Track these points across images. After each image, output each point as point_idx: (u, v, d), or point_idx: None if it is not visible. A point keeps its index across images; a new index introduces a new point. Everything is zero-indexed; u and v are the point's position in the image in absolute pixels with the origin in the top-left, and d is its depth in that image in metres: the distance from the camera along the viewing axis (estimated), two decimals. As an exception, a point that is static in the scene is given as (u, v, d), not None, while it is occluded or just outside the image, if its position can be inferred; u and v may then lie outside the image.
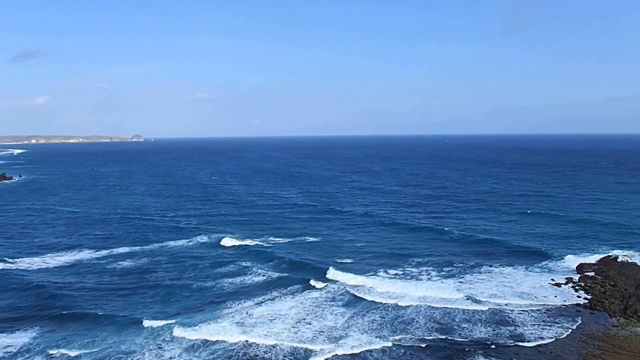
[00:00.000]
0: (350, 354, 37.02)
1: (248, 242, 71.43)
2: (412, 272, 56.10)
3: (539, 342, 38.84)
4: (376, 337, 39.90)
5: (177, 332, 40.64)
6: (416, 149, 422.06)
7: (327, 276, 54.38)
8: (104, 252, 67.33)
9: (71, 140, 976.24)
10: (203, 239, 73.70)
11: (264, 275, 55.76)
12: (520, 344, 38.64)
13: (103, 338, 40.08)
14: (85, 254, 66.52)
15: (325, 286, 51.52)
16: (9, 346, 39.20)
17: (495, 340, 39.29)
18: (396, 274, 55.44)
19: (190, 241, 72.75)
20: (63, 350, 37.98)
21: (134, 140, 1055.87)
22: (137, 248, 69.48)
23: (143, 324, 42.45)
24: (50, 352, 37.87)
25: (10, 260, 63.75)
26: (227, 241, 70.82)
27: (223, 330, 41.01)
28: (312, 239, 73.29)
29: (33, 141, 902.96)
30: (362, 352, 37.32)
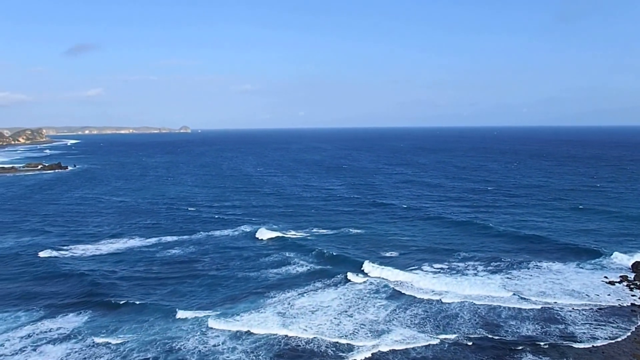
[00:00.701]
0: (393, 350, 36.53)
1: (292, 233, 71.83)
2: (457, 267, 54.92)
3: (591, 343, 37.18)
4: (419, 332, 39.28)
5: (221, 320, 41.28)
6: (463, 141, 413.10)
7: (369, 269, 53.96)
8: (153, 240, 69.34)
9: (122, 131, 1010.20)
10: (247, 229, 74.59)
11: (306, 267, 55.93)
12: (571, 344, 37.12)
13: (150, 324, 41.20)
14: (136, 242, 68.68)
15: (368, 279, 51.18)
16: (60, 328, 40.93)
17: (545, 339, 37.91)
18: (440, 269, 54.42)
19: (235, 231, 73.80)
20: (111, 335, 39.34)
21: (181, 131, 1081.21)
22: (184, 237, 71.09)
23: (188, 312, 43.33)
24: (99, 336, 39.27)
25: (64, 247, 66.52)
26: (271, 232, 71.39)
27: (265, 320, 41.38)
28: (355, 231, 72.96)
29: (87, 132, 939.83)
30: (405, 348, 36.73)
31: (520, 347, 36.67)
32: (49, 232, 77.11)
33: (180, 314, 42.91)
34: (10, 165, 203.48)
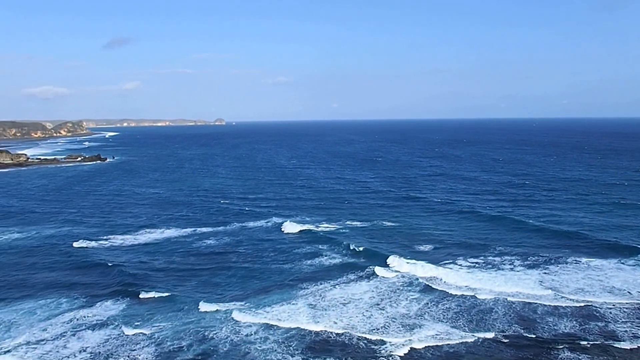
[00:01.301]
0: (426, 345, 36.07)
1: (324, 225, 71.86)
2: (492, 262, 53.80)
3: (635, 343, 35.75)
4: (452, 327, 38.69)
5: (253, 311, 41.73)
6: (500, 133, 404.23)
7: (402, 262, 53.45)
8: (188, 231, 70.58)
9: (159, 124, 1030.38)
10: (280, 221, 74.96)
11: (338, 259, 55.86)
12: (613, 343, 35.85)
13: (184, 314, 41.99)
14: (172, 233, 70.06)
15: (400, 272, 50.70)
16: (97, 315, 42.15)
17: (584, 337, 36.76)
18: (475, 264, 53.44)
19: (267, 222, 74.31)
20: (146, 324, 40.30)
21: (216, 123, 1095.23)
22: (218, 228, 72.07)
23: (220, 302, 44.02)
24: (134, 324, 40.28)
25: (103, 237, 68.41)
26: (304, 225, 71.58)
27: (296, 312, 41.59)
28: (389, 224, 72.44)
29: (125, 124, 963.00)
30: (438, 344, 36.24)
31: (558, 345, 35.70)
32: (87, 222, 79.45)
33: (213, 304, 43.53)
34: (53, 157, 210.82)
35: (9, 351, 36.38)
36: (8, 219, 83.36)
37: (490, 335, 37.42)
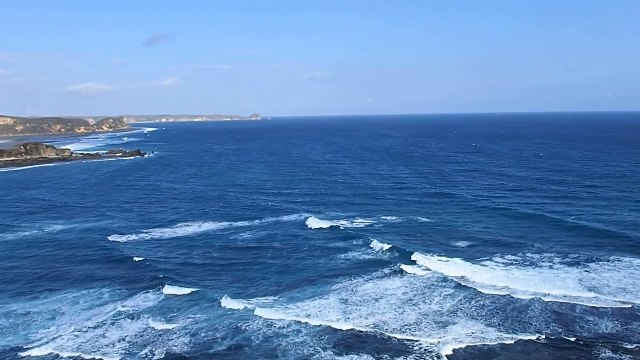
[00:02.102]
0: (459, 343, 35.65)
1: (359, 220, 71.75)
2: (530, 260, 52.50)
3: (678, 346, 34.47)
4: (487, 325, 38.04)
5: (286, 304, 42.17)
6: (541, 127, 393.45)
7: (436, 259, 52.92)
8: (224, 225, 71.76)
9: (196, 119, 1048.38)
10: (314, 216, 75.18)
11: (372, 254, 55.68)
12: (656, 345, 34.61)
13: (218, 306, 42.73)
14: (209, 226, 71.39)
15: (435, 268, 50.09)
16: (136, 306, 43.38)
17: (626, 338, 35.54)
18: (512, 261, 52.29)
19: (302, 217, 74.61)
20: (182, 315, 41.39)
21: (252, 118, 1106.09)
22: (253, 222, 72.97)
23: (255, 295, 44.75)
24: (170, 315, 41.40)
25: (143, 230, 70.26)
26: (338, 220, 71.73)
27: (329, 306, 41.79)
28: (424, 219, 71.67)
29: (163, 120, 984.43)
30: (472, 342, 35.69)
31: (598, 347, 34.62)
32: (127, 216, 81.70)
33: (247, 297, 44.35)
34: (95, 152, 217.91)
35: (54, 338, 37.86)
36: (52, 211, 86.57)
37: (526, 334, 36.63)
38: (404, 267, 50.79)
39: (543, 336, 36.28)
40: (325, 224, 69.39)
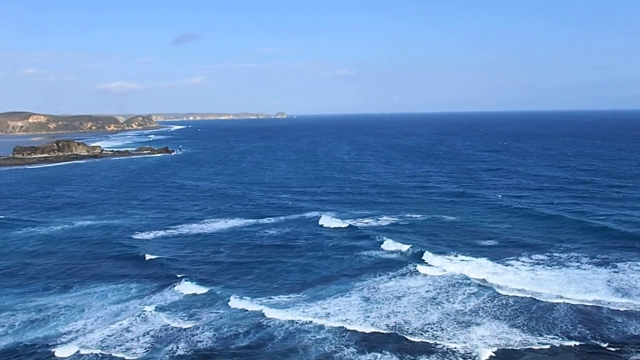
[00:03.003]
0: (483, 344, 35.30)
1: (384, 219, 71.56)
2: (557, 260, 51.46)
3: None
4: (511, 326, 37.52)
5: (308, 301, 42.54)
6: (569, 126, 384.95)
7: (461, 258, 52.48)
8: (249, 222, 72.45)
9: (223, 117, 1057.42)
10: (339, 214, 75.32)
11: (396, 253, 55.46)
12: (687, 350, 33.67)
13: (242, 301, 43.25)
14: (235, 223, 72.34)
15: (459, 268, 49.61)
16: (163, 300, 44.28)
17: (656, 342, 34.71)
18: (538, 261, 51.34)
19: (326, 215, 74.62)
20: (206, 310, 42.13)
21: (277, 117, 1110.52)
22: (279, 220, 73.58)
23: (278, 292, 45.28)
24: (195, 310, 42.09)
25: (171, 227, 71.49)
26: (363, 218, 71.83)
27: (351, 303, 41.95)
28: (449, 218, 71.01)
29: (191, 118, 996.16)
30: (495, 342, 35.23)
31: (627, 350, 33.84)
32: (153, 213, 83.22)
33: (271, 294, 44.88)
34: (125, 149, 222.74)
35: (81, 332, 38.90)
36: (82, 207, 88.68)
37: (552, 336, 36.05)
38: (427, 266, 50.53)
39: (570, 338, 35.63)
40: (349, 223, 69.40)
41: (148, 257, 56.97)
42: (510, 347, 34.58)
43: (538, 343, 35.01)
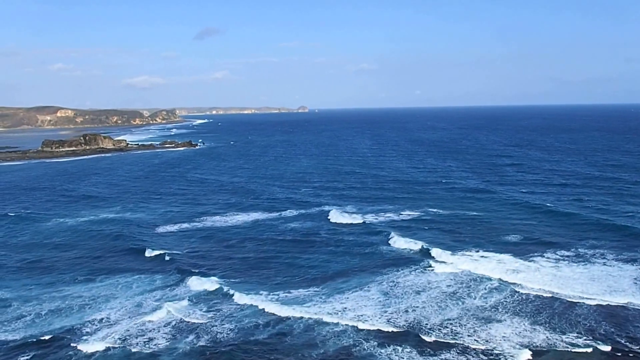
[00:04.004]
0: (503, 341, 34.93)
1: (406, 213, 71.22)
2: (582, 256, 50.43)
3: None
4: (532, 324, 37.03)
5: (328, 295, 42.74)
6: (597, 120, 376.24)
7: (483, 253, 51.95)
8: (270, 216, 72.94)
9: (245, 111, 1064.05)
10: (360, 210, 75.18)
11: (417, 247, 55.02)
12: None
13: (265, 293, 43.85)
14: (257, 216, 72.97)
15: (480, 263, 49.12)
16: (183, 293, 45.03)
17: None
18: (562, 258, 50.33)
19: (347, 210, 74.62)
20: (227, 302, 42.75)
21: (299, 111, 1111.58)
22: (300, 214, 73.99)
23: (299, 286, 45.61)
24: (217, 301, 42.79)
25: (194, 220, 72.43)
26: (385, 213, 71.66)
27: (371, 297, 41.98)
28: (472, 213, 70.14)
29: (214, 112, 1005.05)
30: (516, 340, 34.74)
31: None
32: (175, 206, 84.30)
33: (291, 287, 45.24)
34: (149, 143, 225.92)
35: (105, 322, 39.75)
36: (108, 199, 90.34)
37: (575, 334, 35.45)
38: (448, 261, 50.17)
39: (595, 338, 34.99)
40: (370, 218, 69.28)
41: (170, 250, 57.83)
42: (529, 344, 34.12)
43: (562, 342, 34.50)
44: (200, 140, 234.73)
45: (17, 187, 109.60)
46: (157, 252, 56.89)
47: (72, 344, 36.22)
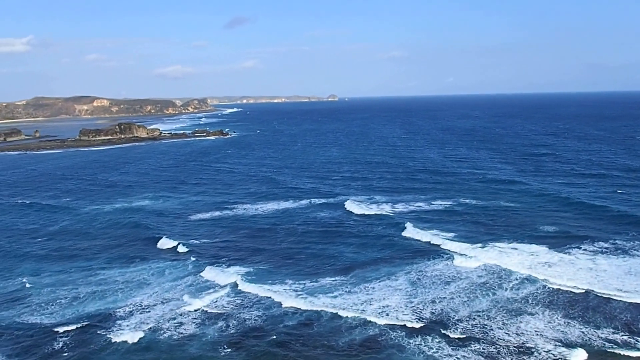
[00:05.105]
0: (534, 335, 34.22)
1: (438, 203, 70.35)
2: (620, 248, 48.70)
3: None
4: (565, 317, 36.14)
5: (355, 284, 42.81)
6: (637, 107, 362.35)
7: (516, 244, 50.90)
8: (303, 204, 73.51)
9: (275, 100, 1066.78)
10: (390, 199, 74.63)
11: (447, 238, 54.24)
12: None
13: (293, 281, 44.17)
14: (288, 204, 73.72)
15: (512, 255, 48.13)
16: (215, 279, 45.69)
17: None
18: (599, 250, 48.76)
19: (375, 199, 74.23)
20: (257, 289, 43.10)
21: (329, 99, 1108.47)
22: (331, 200, 74.61)
23: (328, 274, 45.86)
24: (247, 289, 43.27)
25: (229, 206, 73.57)
26: (415, 202, 71.12)
27: (398, 287, 41.82)
28: (506, 204, 68.53)
29: (244, 101, 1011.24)
30: (548, 334, 33.95)
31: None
32: (211, 192, 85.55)
33: (320, 275, 45.52)
34: (182, 132, 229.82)
35: (138, 306, 40.72)
36: (143, 186, 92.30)
37: (611, 329, 34.41)
38: (479, 252, 49.38)
39: (632, 333, 33.94)
40: (400, 208, 68.74)
41: (200, 238, 58.82)
42: (562, 340, 33.30)
43: (597, 338, 33.52)
44: (226, 129, 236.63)
45: (56, 175, 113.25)
46: (187, 240, 57.83)
47: (105, 328, 37.28)
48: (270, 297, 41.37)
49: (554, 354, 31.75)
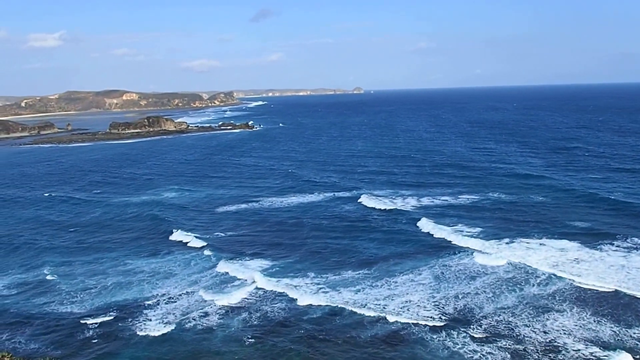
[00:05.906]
0: (561, 335, 33.52)
1: (464, 197, 69.39)
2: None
3: None
4: (594, 315, 35.28)
5: (379, 277, 42.70)
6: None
7: (543, 241, 49.85)
8: (328, 197, 73.70)
9: (300, 93, 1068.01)
10: (416, 194, 73.94)
11: (473, 233, 53.45)
12: None
13: (318, 275, 44.27)
14: (313, 198, 73.95)
15: (540, 251, 47.13)
16: (240, 271, 46.04)
17: None
18: (630, 248, 47.39)
19: (400, 194, 73.66)
20: (282, 283, 43.45)
21: (354, 92, 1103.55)
22: (356, 193, 74.48)
23: (352, 268, 45.87)
24: (272, 282, 43.49)
25: (254, 199, 74.33)
26: (442, 196, 70.51)
27: (422, 281, 41.53)
28: (534, 199, 67.09)
29: (270, 94, 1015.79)
30: (576, 334, 33.13)
31: None
32: (233, 186, 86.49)
33: (343, 269, 45.57)
34: (208, 125, 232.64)
35: (164, 295, 41.38)
36: (169, 178, 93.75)
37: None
38: (506, 247, 48.59)
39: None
40: (426, 202, 68.10)
41: (225, 231, 59.49)
42: (591, 339, 32.49)
43: (630, 337, 32.59)
44: (250, 122, 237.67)
45: (85, 168, 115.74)
46: (212, 233, 58.52)
47: (133, 318, 38.00)
48: (293, 291, 41.48)
49: (584, 354, 30.98)
